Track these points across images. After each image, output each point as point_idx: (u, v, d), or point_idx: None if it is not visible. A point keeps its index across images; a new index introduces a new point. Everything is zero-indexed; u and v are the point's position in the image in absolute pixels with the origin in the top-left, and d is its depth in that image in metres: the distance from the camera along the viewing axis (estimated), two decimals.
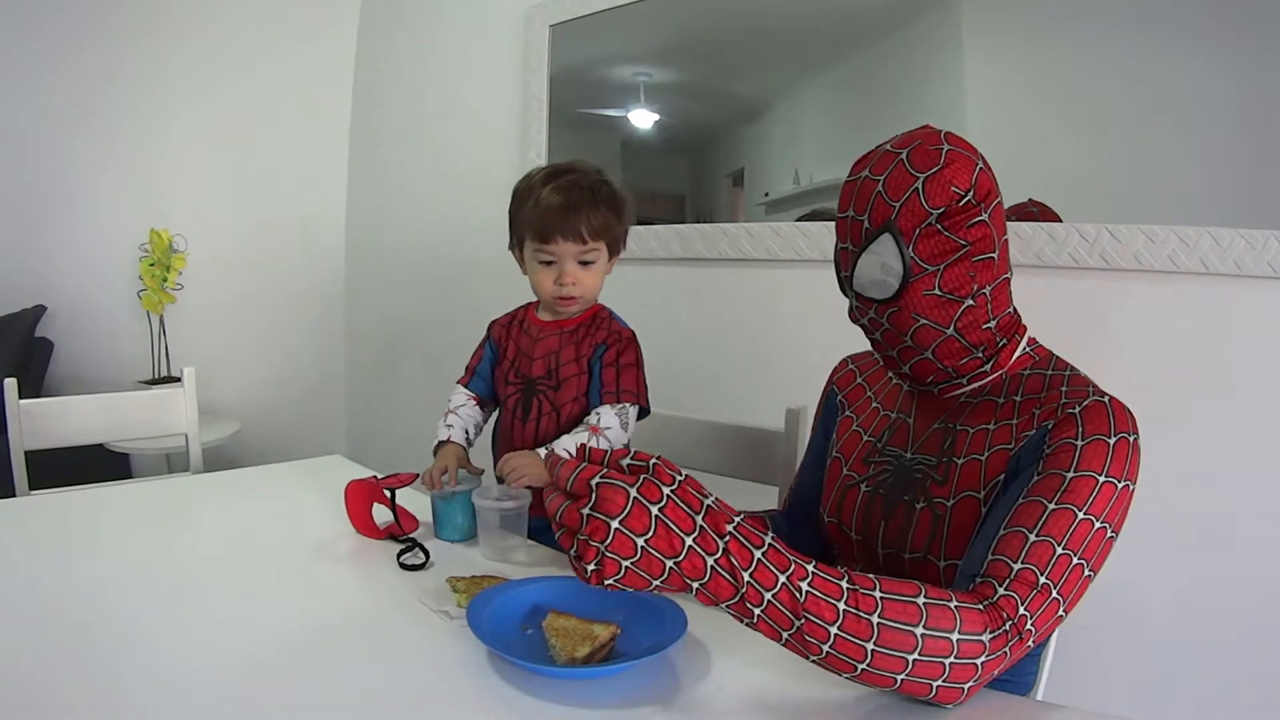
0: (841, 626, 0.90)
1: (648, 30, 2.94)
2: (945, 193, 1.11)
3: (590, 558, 0.88)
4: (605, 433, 1.67)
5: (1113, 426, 1.07)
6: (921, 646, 0.91)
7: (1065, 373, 1.19)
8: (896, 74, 2.37)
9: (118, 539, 1.62)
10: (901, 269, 1.13)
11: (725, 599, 0.89)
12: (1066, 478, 1.04)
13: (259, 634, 1.19)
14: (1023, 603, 0.97)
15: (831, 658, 0.91)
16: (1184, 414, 1.93)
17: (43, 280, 3.56)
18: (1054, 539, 1.00)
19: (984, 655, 0.94)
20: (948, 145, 1.14)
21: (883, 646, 0.90)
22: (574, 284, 1.72)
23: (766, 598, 0.89)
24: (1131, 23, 1.97)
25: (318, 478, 1.99)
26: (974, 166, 1.14)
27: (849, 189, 1.21)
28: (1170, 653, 1.98)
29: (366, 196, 4.35)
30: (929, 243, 1.13)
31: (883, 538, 1.25)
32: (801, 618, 0.89)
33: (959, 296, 1.14)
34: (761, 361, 2.61)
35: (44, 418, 2.17)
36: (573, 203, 1.69)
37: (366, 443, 4.42)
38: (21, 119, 3.50)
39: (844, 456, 1.38)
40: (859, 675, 0.92)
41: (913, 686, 0.93)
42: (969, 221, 1.13)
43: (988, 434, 1.18)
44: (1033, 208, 2.14)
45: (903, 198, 1.13)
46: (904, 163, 1.14)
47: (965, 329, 1.16)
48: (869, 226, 1.16)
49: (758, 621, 0.90)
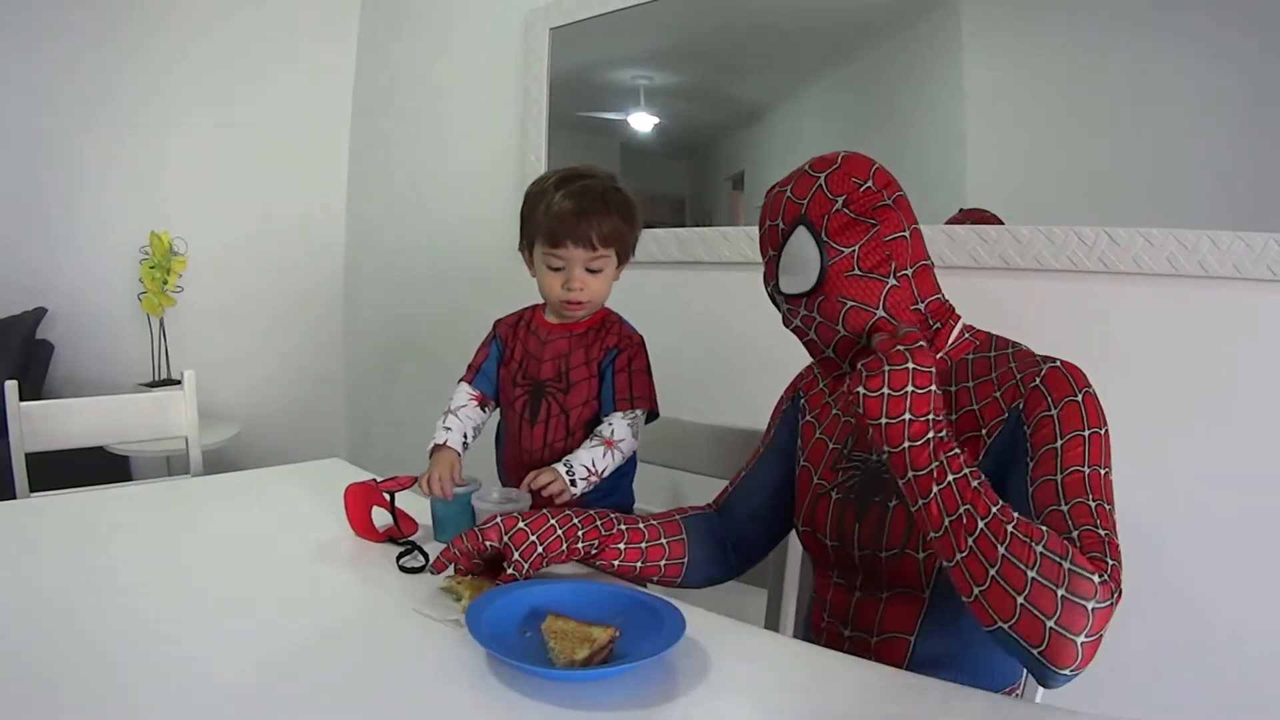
0: (989, 524, 1.02)
1: (648, 34, 2.94)
2: (846, 182, 1.24)
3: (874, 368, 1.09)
4: (619, 445, 1.68)
5: (1074, 385, 1.14)
6: (1040, 565, 0.98)
7: (1008, 351, 1.26)
8: (897, 77, 2.37)
9: (117, 541, 1.62)
10: (819, 255, 1.22)
11: (921, 465, 1.07)
12: (1058, 448, 1.11)
13: (258, 636, 1.19)
14: (1105, 555, 1.02)
15: (972, 555, 1.02)
16: (1182, 416, 1.94)
17: (43, 282, 3.56)
18: (1082, 498, 1.07)
19: (1094, 600, 0.97)
20: (844, 152, 1.29)
21: (1011, 554, 1.00)
22: (581, 289, 1.71)
23: (950, 478, 1.05)
24: (1131, 26, 1.97)
25: (317, 480, 1.99)
26: (870, 164, 1.27)
27: (765, 208, 1.33)
28: (1168, 653, 1.98)
29: (366, 200, 4.35)
30: (838, 224, 1.23)
31: (858, 540, 1.28)
32: (965, 505, 1.04)
33: (880, 275, 1.23)
34: (760, 365, 2.60)
35: (44, 420, 2.18)
36: (584, 209, 1.67)
37: (366, 446, 4.43)
38: (23, 121, 3.51)
39: (812, 465, 1.41)
40: (988, 587, 1.01)
41: (1029, 620, 0.98)
42: (873, 205, 1.24)
43: (949, 425, 1.20)
44: (966, 219, 2.16)
45: (809, 194, 1.24)
46: (806, 171, 1.28)
47: (894, 309, 1.23)
48: (783, 226, 1.27)
49: (931, 501, 1.06)
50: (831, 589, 1.35)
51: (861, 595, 1.30)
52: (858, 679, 1.12)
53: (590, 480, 1.64)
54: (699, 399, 2.65)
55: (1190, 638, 1.96)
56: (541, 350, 1.80)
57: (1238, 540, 1.89)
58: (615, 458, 1.67)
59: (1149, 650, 1.98)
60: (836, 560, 1.33)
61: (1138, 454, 1.77)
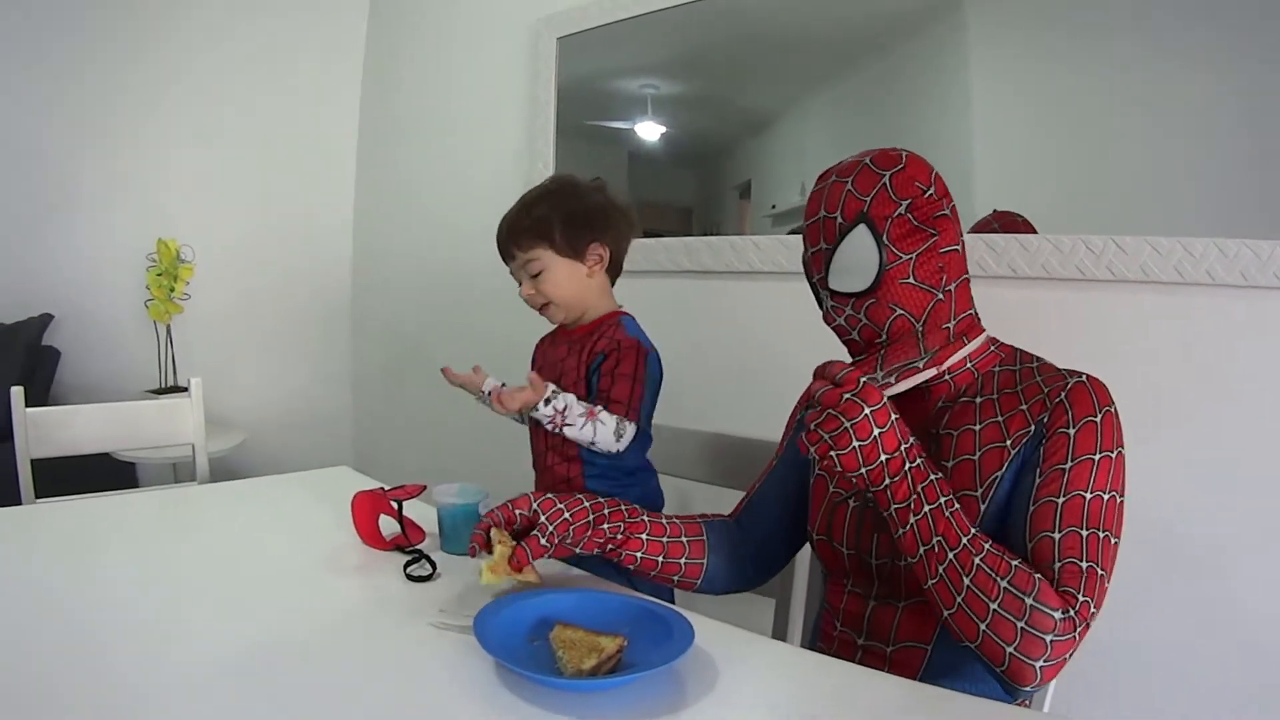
0: (957, 555, 1.07)
1: (655, 43, 2.95)
2: (910, 186, 1.22)
3: (833, 427, 1.07)
4: (596, 426, 1.66)
5: (1096, 404, 1.15)
6: (1001, 599, 1.04)
7: (1033, 365, 1.26)
8: (903, 87, 2.37)
9: (123, 548, 1.62)
10: (878, 258, 1.21)
11: (900, 498, 1.10)
12: (1066, 469, 1.12)
13: (263, 643, 1.19)
14: (1079, 591, 1.06)
15: (942, 582, 1.08)
16: (1189, 424, 1.93)
17: (50, 289, 3.56)
18: (1076, 527, 1.09)
19: (1053, 633, 1.03)
20: (906, 151, 1.26)
21: (976, 586, 1.06)
22: (532, 294, 1.79)
23: (925, 509, 1.09)
24: (1137, 36, 1.97)
25: (324, 488, 1.99)
26: (931, 169, 1.26)
27: (817, 195, 1.29)
28: (1171, 661, 1.97)
29: (373, 207, 4.36)
30: (901, 230, 1.21)
31: (876, 550, 1.27)
32: (937, 537, 1.08)
33: (931, 287, 1.23)
34: (769, 374, 2.60)
35: (50, 426, 2.18)
36: (503, 223, 1.81)
37: (373, 454, 4.43)
38: (29, 128, 3.52)
39: (827, 473, 1.39)
40: (955, 612, 1.08)
41: (991, 644, 1.05)
42: (934, 214, 1.23)
43: (975, 434, 1.22)
44: (993, 224, 2.15)
45: (872, 192, 1.22)
46: (868, 166, 1.25)
47: (932, 323, 1.24)
48: (842, 222, 1.24)
49: (908, 531, 1.10)
50: (846, 597, 1.34)
51: (877, 604, 1.29)
52: (870, 690, 1.11)
53: (554, 420, 1.64)
54: (709, 409, 2.66)
55: (1192, 645, 1.95)
56: (548, 357, 1.87)
57: (1242, 550, 1.88)
58: (585, 430, 1.65)
59: (1150, 659, 1.97)
60: (852, 569, 1.32)
61: (1149, 459, 1.76)
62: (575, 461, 1.79)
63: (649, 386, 1.76)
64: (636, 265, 2.95)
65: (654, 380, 1.78)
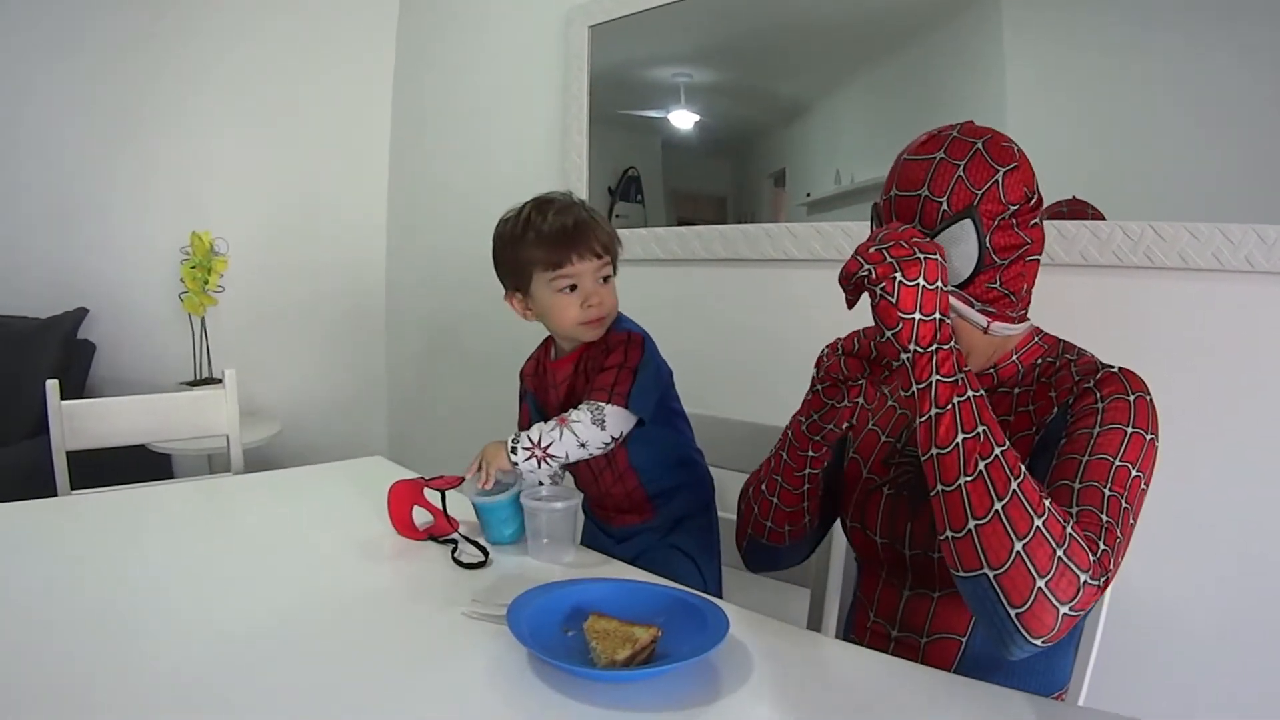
0: (1004, 453, 0.99)
1: (687, 31, 2.93)
2: (1019, 190, 1.15)
3: (900, 254, 1.03)
4: (572, 424, 1.59)
5: (1128, 387, 1.11)
6: (1046, 518, 0.96)
7: (1072, 356, 1.22)
8: (937, 74, 2.34)
9: (159, 539, 1.63)
10: (976, 257, 1.15)
11: (946, 372, 1.02)
12: (1094, 433, 1.08)
13: (298, 633, 1.19)
14: (1100, 539, 0.99)
15: (981, 481, 0.98)
16: (1229, 415, 1.89)
17: (85, 283, 3.60)
18: (1099, 483, 1.04)
19: (1086, 573, 0.95)
20: (1015, 144, 1.18)
21: (1023, 493, 0.97)
22: (600, 303, 1.68)
23: (970, 394, 1.02)
24: (1172, 22, 1.94)
25: (359, 479, 2.00)
26: (1033, 171, 1.18)
27: (919, 166, 1.17)
28: (1204, 654, 1.94)
29: (406, 197, 4.36)
30: (1003, 235, 1.15)
31: (910, 539, 1.25)
32: (982, 426, 1.00)
33: (1011, 293, 1.18)
34: (804, 363, 2.58)
35: (85, 418, 2.19)
36: (580, 220, 1.68)
37: (407, 444, 4.44)
38: (66, 124, 3.55)
39: (862, 458, 1.37)
40: (988, 521, 0.97)
41: (1020, 572, 0.95)
42: (1031, 221, 1.17)
43: (1006, 425, 1.20)
44: (1062, 207, 2.11)
45: (984, 187, 1.14)
46: (982, 153, 1.15)
47: (995, 329, 1.19)
48: (948, 209, 1.15)
49: (948, 411, 1.01)
50: (880, 588, 1.33)
51: (911, 595, 1.27)
52: (904, 681, 1.10)
53: (533, 453, 1.57)
54: (743, 396, 2.64)
55: (1224, 635, 1.92)
56: (547, 389, 1.81)
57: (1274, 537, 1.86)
58: (566, 438, 1.58)
59: (1183, 651, 1.94)
60: (886, 558, 1.30)
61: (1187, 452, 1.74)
62: (629, 473, 1.75)
63: (645, 370, 1.67)
64: (671, 253, 2.94)
65: (650, 364, 1.70)
